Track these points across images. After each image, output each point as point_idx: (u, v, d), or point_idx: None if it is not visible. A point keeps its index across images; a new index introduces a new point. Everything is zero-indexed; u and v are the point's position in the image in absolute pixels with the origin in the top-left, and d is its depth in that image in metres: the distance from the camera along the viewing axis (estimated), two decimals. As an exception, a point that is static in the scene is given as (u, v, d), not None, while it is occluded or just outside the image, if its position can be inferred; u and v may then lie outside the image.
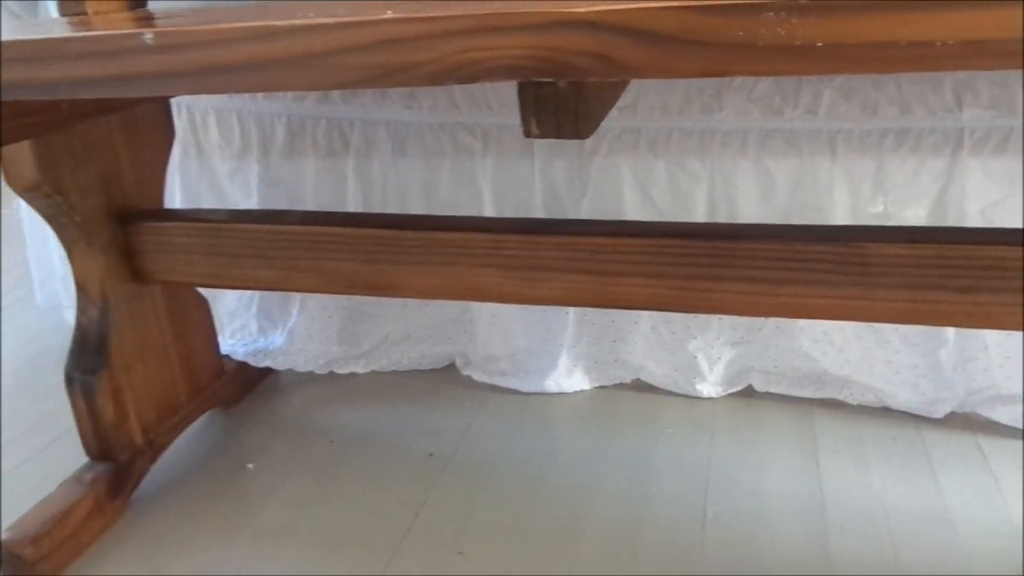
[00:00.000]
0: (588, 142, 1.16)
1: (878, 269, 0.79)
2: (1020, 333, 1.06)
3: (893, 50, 0.46)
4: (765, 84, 1.05)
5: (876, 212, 1.08)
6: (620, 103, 1.11)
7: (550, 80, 0.58)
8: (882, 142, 1.04)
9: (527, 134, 0.62)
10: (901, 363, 1.14)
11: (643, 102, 1.11)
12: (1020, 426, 1.11)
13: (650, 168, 1.14)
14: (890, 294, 0.79)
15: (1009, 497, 1.00)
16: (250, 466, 1.14)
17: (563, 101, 0.60)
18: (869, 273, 0.79)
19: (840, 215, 1.09)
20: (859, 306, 0.80)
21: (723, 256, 0.82)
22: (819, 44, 0.47)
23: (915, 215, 1.07)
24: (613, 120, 1.13)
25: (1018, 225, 1.01)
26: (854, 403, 1.20)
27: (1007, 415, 1.11)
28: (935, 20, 0.45)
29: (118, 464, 1.02)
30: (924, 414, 1.15)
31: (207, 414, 1.23)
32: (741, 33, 0.48)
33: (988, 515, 0.97)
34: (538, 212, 1.21)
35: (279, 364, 1.34)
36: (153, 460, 1.09)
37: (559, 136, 0.62)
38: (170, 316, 1.10)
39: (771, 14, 0.47)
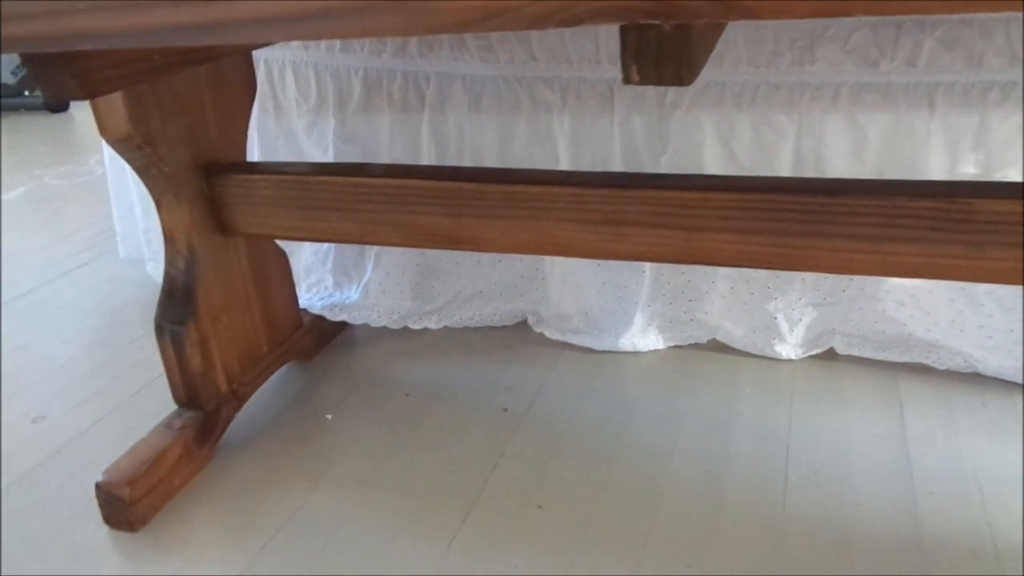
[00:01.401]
0: (669, 96, 1.13)
1: (985, 227, 0.75)
2: None
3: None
4: (861, 34, 1.00)
5: (976, 172, 1.03)
6: (704, 55, 1.07)
7: (656, 23, 0.56)
8: (986, 96, 0.99)
9: (627, 80, 0.60)
10: (995, 327, 1.10)
11: (729, 54, 1.08)
12: (1121, 395, 1.06)
13: (734, 123, 1.11)
14: (998, 253, 0.75)
15: (1110, 467, 0.96)
16: (329, 417, 1.16)
17: (666, 46, 0.58)
18: (975, 231, 0.75)
19: (936, 173, 1.05)
20: (964, 265, 0.77)
21: (819, 212, 0.79)
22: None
23: (1018, 174, 1.02)
24: (696, 73, 1.10)
25: None
26: (941, 368, 1.16)
27: (1108, 383, 1.07)
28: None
29: (205, 412, 1.05)
30: (1018, 380, 1.11)
31: (286, 367, 1.26)
32: (869, -33, 0.46)
33: (1087, 485, 0.94)
34: (616, 168, 1.18)
35: (354, 319, 1.36)
36: (237, 409, 1.12)
37: (660, 83, 0.60)
38: (252, 269, 1.12)
39: (903, -53, 0.45)
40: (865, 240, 0.79)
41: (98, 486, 0.94)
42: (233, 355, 1.09)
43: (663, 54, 0.58)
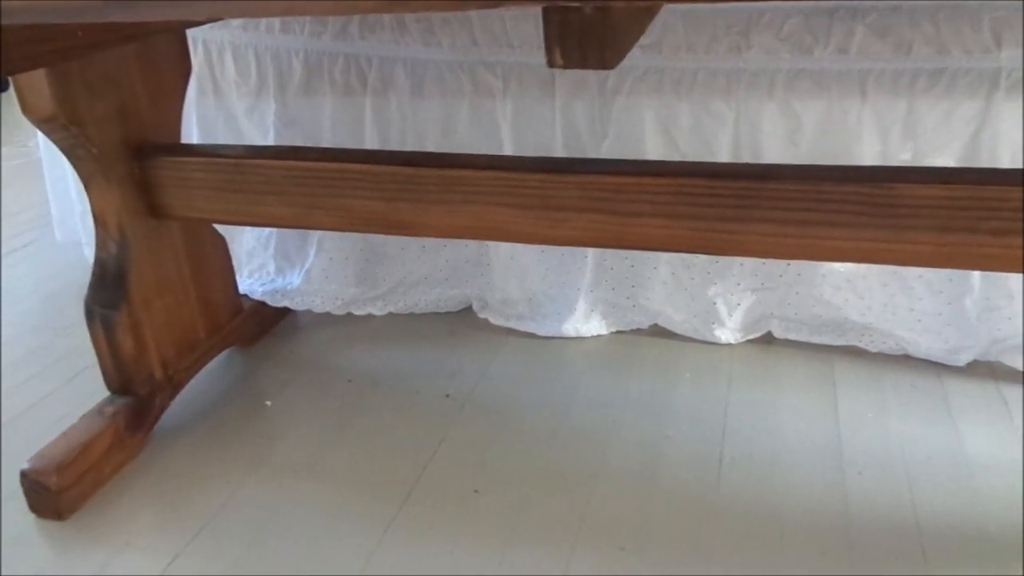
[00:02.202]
0: (610, 82, 1.13)
1: (908, 211, 0.77)
2: (1048, 282, 1.04)
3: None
4: (795, 21, 1.02)
5: (905, 157, 1.05)
6: (644, 42, 1.08)
7: (576, 5, 0.56)
8: (915, 83, 1.01)
9: (551, 64, 0.60)
10: (924, 311, 1.13)
11: (668, 41, 1.08)
12: (1044, 376, 1.10)
13: (673, 109, 1.12)
14: (920, 236, 0.77)
15: (1029, 446, 0.99)
16: (268, 404, 1.15)
17: (589, 28, 0.58)
18: (898, 215, 0.77)
19: (868, 159, 1.07)
20: (888, 249, 0.79)
21: (747, 197, 0.80)
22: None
23: (945, 159, 1.04)
24: (636, 59, 1.10)
25: (1052, 170, 0.98)
26: (874, 351, 1.19)
27: (1031, 365, 1.10)
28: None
29: (138, 398, 1.03)
30: (946, 362, 1.14)
31: (225, 353, 1.24)
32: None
33: (1007, 463, 0.97)
34: (558, 153, 1.19)
35: (297, 304, 1.35)
36: (173, 396, 1.10)
37: (584, 66, 0.60)
38: (188, 253, 1.10)
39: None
40: (793, 224, 0.80)
41: (23, 474, 0.92)
42: (168, 341, 1.07)
43: (586, 37, 0.58)
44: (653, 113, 1.13)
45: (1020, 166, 1.00)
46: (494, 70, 1.17)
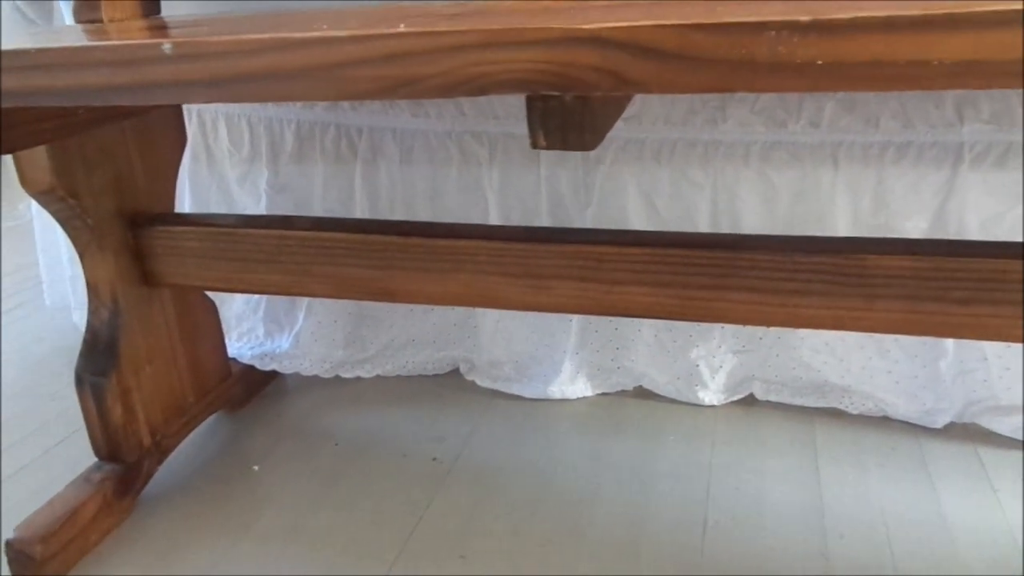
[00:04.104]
0: (593, 152, 1.17)
1: (877, 280, 0.80)
2: (1019, 345, 1.07)
3: (891, 69, 0.47)
4: (769, 97, 1.06)
5: (877, 224, 1.09)
6: (625, 114, 1.12)
7: (557, 94, 0.59)
8: (883, 155, 1.05)
9: (534, 145, 0.64)
10: (901, 373, 1.15)
11: (647, 113, 1.13)
12: (1019, 437, 1.12)
13: (654, 178, 1.16)
14: (889, 305, 0.80)
15: (1008, 507, 1.01)
16: (256, 468, 1.15)
17: (569, 114, 0.61)
18: (868, 284, 0.80)
19: (841, 227, 1.10)
20: (858, 317, 0.82)
21: (725, 266, 0.84)
22: (819, 62, 0.49)
23: (915, 227, 1.08)
24: (618, 130, 1.15)
25: (1018, 239, 1.02)
26: (854, 412, 1.21)
27: (1006, 426, 1.13)
28: (933, 40, 0.46)
29: (126, 464, 1.03)
30: (923, 424, 1.16)
31: (213, 416, 1.25)
32: (743, 51, 0.50)
33: (986, 525, 0.98)
34: (543, 221, 1.22)
35: (285, 368, 1.36)
36: (160, 461, 1.10)
37: (565, 148, 0.63)
38: (179, 319, 1.12)
39: (772, 33, 0.49)
40: (768, 293, 0.83)
41: (8, 543, 0.92)
42: (157, 406, 1.08)
43: (568, 121, 0.62)
44: (635, 181, 1.17)
45: (987, 236, 1.04)
46: (481, 139, 1.21)
